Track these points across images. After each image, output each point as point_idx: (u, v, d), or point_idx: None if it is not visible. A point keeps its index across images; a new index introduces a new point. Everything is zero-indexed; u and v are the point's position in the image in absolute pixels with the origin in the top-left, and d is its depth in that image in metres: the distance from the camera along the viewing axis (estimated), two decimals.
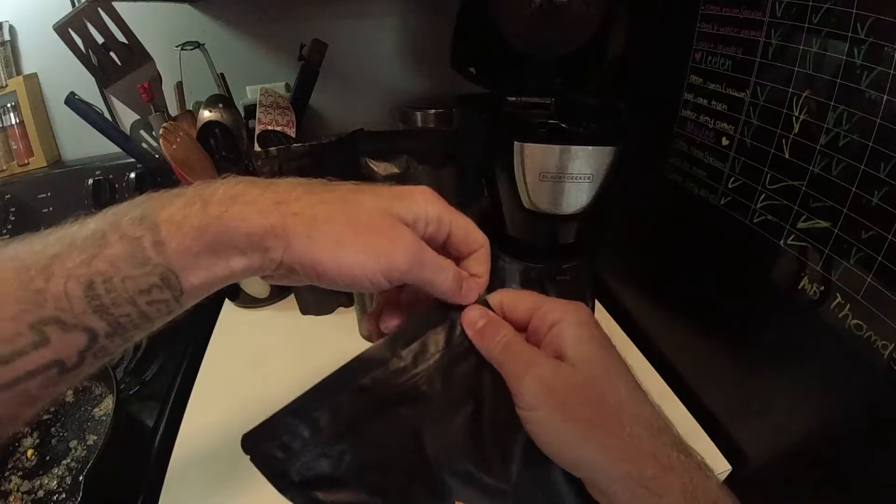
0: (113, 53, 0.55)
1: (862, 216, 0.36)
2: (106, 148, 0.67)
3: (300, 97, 0.69)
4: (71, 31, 0.52)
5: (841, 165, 0.37)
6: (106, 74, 0.56)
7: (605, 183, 0.53)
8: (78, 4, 0.55)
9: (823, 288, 0.40)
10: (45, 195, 0.69)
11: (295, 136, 0.64)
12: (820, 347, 0.41)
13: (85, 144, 0.75)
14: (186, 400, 0.58)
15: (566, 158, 0.51)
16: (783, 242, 0.43)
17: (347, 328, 0.68)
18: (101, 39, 0.54)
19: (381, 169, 0.65)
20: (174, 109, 0.65)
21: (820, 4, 0.37)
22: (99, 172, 0.70)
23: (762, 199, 0.45)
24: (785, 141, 0.42)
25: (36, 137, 0.72)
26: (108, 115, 0.69)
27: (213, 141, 0.61)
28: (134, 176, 0.70)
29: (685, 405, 0.56)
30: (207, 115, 0.61)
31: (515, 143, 0.52)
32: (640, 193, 0.64)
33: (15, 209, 0.67)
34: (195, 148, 0.59)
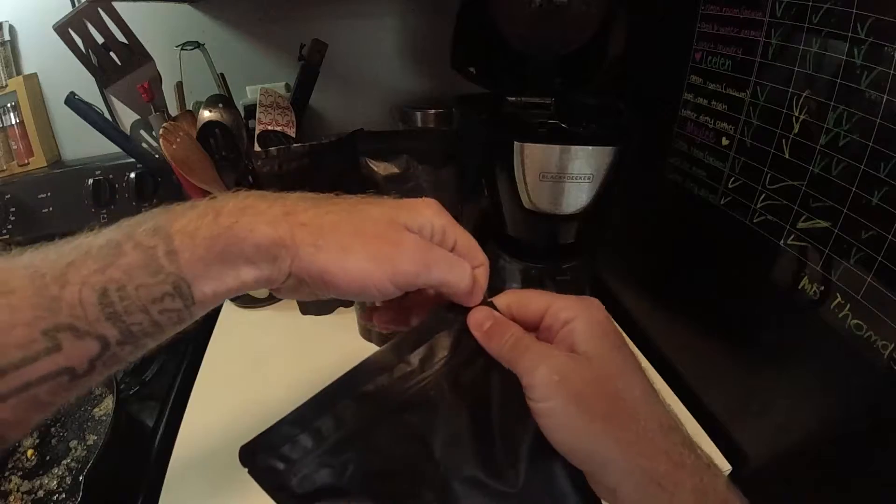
0: (113, 53, 0.55)
1: (862, 216, 0.36)
2: (106, 148, 0.67)
3: (300, 97, 0.69)
4: (71, 31, 0.52)
5: (841, 165, 0.37)
6: (106, 74, 0.56)
7: (605, 183, 0.53)
8: (78, 4, 0.55)
9: (823, 288, 0.40)
10: (45, 195, 0.68)
11: (295, 136, 0.64)
12: (820, 347, 0.41)
13: (85, 144, 0.75)
14: (186, 400, 0.58)
15: (566, 158, 0.51)
16: (783, 242, 0.43)
17: (347, 328, 0.68)
18: (101, 39, 0.54)
19: (381, 169, 0.65)
20: (174, 109, 0.65)
21: (820, 4, 0.37)
22: (99, 172, 0.70)
23: (762, 199, 0.45)
24: (785, 141, 0.42)
25: (36, 137, 0.72)
26: (108, 115, 0.69)
27: (213, 141, 0.61)
28: (134, 176, 0.70)
29: (685, 405, 0.56)
30: (207, 115, 0.61)
31: (515, 143, 0.52)
32: (640, 193, 0.64)
33: (15, 209, 0.67)
34: (195, 148, 0.59)
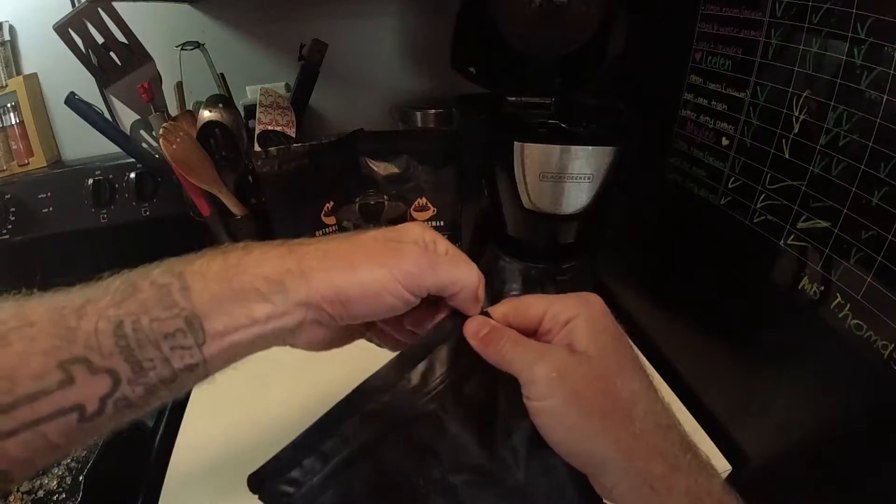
0: (113, 53, 0.55)
1: (862, 216, 0.36)
2: (106, 148, 0.67)
3: (300, 97, 0.69)
4: (71, 31, 0.52)
5: (841, 165, 0.37)
6: (106, 74, 0.56)
7: (605, 183, 0.53)
8: (78, 4, 0.55)
9: (823, 288, 0.40)
10: (45, 195, 0.68)
11: (295, 136, 0.64)
12: (820, 347, 0.41)
13: (85, 144, 0.75)
14: (186, 400, 0.58)
15: (566, 158, 0.51)
16: (783, 242, 0.43)
17: None
18: (101, 39, 0.54)
19: (381, 169, 0.65)
20: (174, 109, 0.65)
21: (820, 4, 0.37)
22: (99, 172, 0.70)
23: (762, 199, 0.45)
24: (785, 141, 0.42)
25: (36, 137, 0.72)
26: (108, 115, 0.69)
27: (213, 141, 0.61)
28: (134, 176, 0.70)
29: (685, 405, 0.56)
30: (207, 115, 0.61)
31: (515, 143, 0.52)
32: (640, 193, 0.64)
33: (15, 209, 0.67)
34: (195, 148, 0.59)
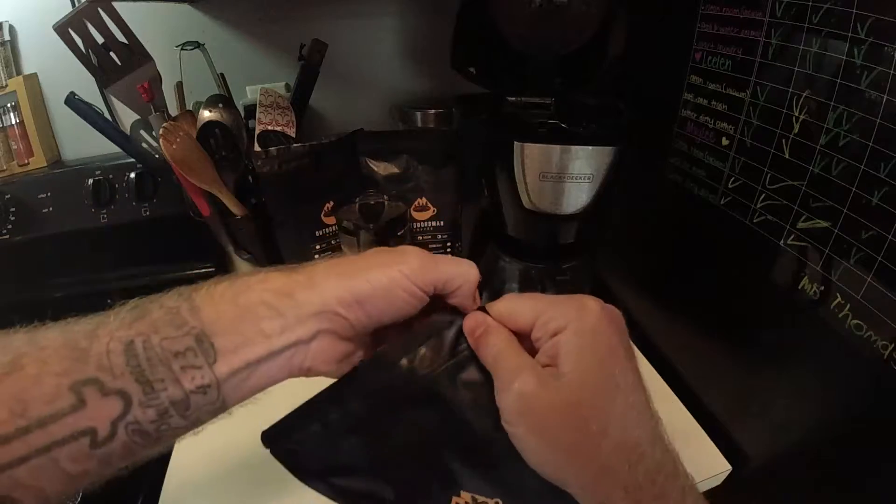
0: (113, 53, 0.55)
1: (862, 216, 0.36)
2: (106, 148, 0.67)
3: (300, 97, 0.69)
4: (71, 31, 0.52)
5: (841, 165, 0.37)
6: (106, 74, 0.56)
7: (605, 183, 0.53)
8: (78, 4, 0.55)
9: (823, 288, 0.40)
10: (45, 195, 0.68)
11: (295, 136, 0.64)
12: (820, 347, 0.41)
13: (85, 144, 0.75)
14: None
15: (566, 158, 0.51)
16: (783, 242, 0.43)
17: None
18: (101, 39, 0.54)
19: (381, 169, 0.65)
20: (174, 109, 0.65)
21: (820, 4, 0.37)
22: (99, 172, 0.70)
23: (762, 199, 0.45)
24: (785, 141, 0.42)
25: (36, 137, 0.72)
26: (108, 115, 0.69)
27: (213, 141, 0.61)
28: (134, 176, 0.70)
29: (685, 405, 0.56)
30: (207, 115, 0.61)
31: (515, 143, 0.52)
32: (640, 193, 0.64)
33: (15, 209, 0.67)
34: (195, 148, 0.59)
